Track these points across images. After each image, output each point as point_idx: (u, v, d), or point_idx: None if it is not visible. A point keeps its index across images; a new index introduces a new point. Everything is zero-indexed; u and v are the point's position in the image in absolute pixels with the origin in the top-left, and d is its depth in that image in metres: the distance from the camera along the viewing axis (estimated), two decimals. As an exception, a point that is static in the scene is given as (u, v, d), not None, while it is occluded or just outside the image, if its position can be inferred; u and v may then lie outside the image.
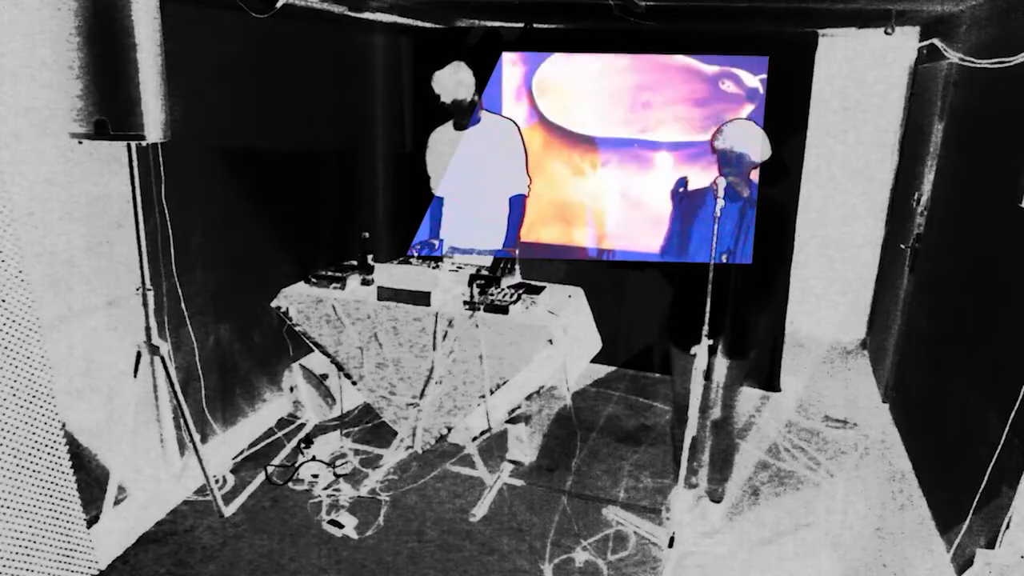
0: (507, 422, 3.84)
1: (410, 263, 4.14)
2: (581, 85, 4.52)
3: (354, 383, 3.79)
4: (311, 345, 3.84)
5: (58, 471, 2.72)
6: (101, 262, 3.15)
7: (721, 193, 2.85)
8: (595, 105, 4.53)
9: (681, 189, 3.56)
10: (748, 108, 4.26)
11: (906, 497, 3.63)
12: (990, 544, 2.69)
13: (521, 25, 4.98)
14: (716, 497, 3.49)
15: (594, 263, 4.83)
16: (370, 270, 3.81)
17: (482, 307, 3.44)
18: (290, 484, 3.64)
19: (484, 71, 4.50)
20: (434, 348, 3.56)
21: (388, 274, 3.78)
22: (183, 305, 3.49)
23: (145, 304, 3.12)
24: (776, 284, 4.67)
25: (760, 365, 4.83)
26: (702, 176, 3.95)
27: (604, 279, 4.89)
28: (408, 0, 4.12)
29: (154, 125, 2.73)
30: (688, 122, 4.39)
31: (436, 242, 4.36)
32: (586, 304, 3.86)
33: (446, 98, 4.26)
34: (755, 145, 3.30)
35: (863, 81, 5.25)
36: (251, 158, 3.95)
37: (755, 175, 4.11)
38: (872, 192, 5.47)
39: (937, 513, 3.41)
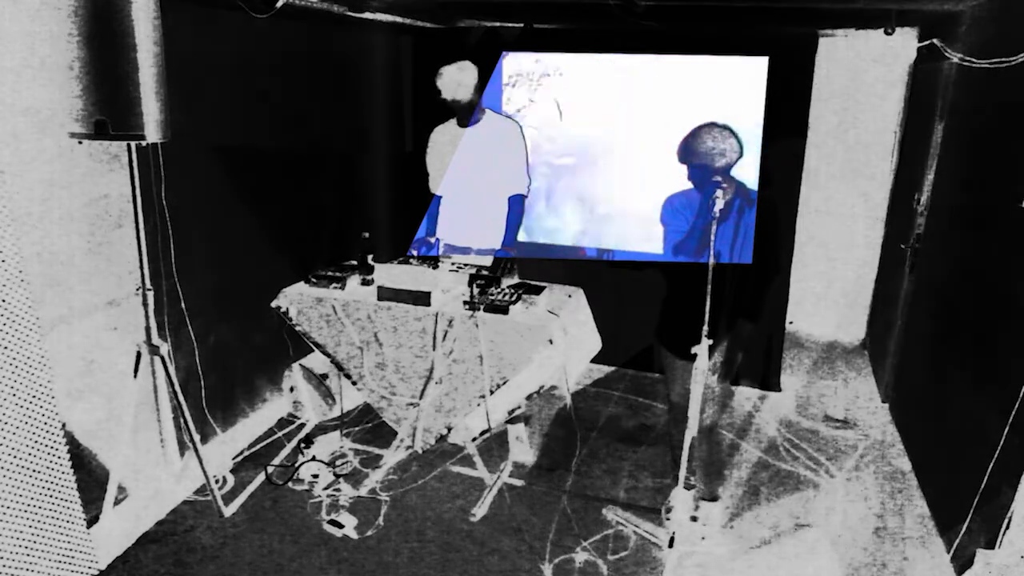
0: (507, 422, 3.84)
1: (410, 263, 4.14)
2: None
3: (354, 383, 3.79)
4: (311, 345, 3.83)
5: (58, 471, 2.72)
6: (101, 262, 3.15)
7: (721, 204, 2.84)
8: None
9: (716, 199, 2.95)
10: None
11: (906, 497, 3.63)
12: (990, 544, 2.69)
13: (521, 25, 4.99)
14: (712, 495, 3.49)
15: (594, 263, 4.83)
16: (370, 270, 3.80)
17: (482, 307, 3.44)
18: (290, 484, 3.64)
19: (484, 71, 4.51)
20: (434, 348, 3.56)
21: (388, 274, 3.79)
22: (183, 305, 3.48)
23: (145, 304, 3.12)
24: (775, 284, 4.66)
25: (759, 365, 4.83)
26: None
27: (604, 279, 4.89)
28: None
29: (154, 125, 2.73)
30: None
31: (433, 240, 4.36)
32: (586, 304, 3.86)
33: (446, 95, 4.25)
34: (730, 145, 3.27)
35: (863, 81, 5.24)
36: (251, 158, 3.95)
37: (744, 173, 4.07)
38: (872, 192, 5.47)
39: (937, 513, 3.41)
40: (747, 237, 4.11)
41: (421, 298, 3.52)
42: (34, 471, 2.62)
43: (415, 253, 4.34)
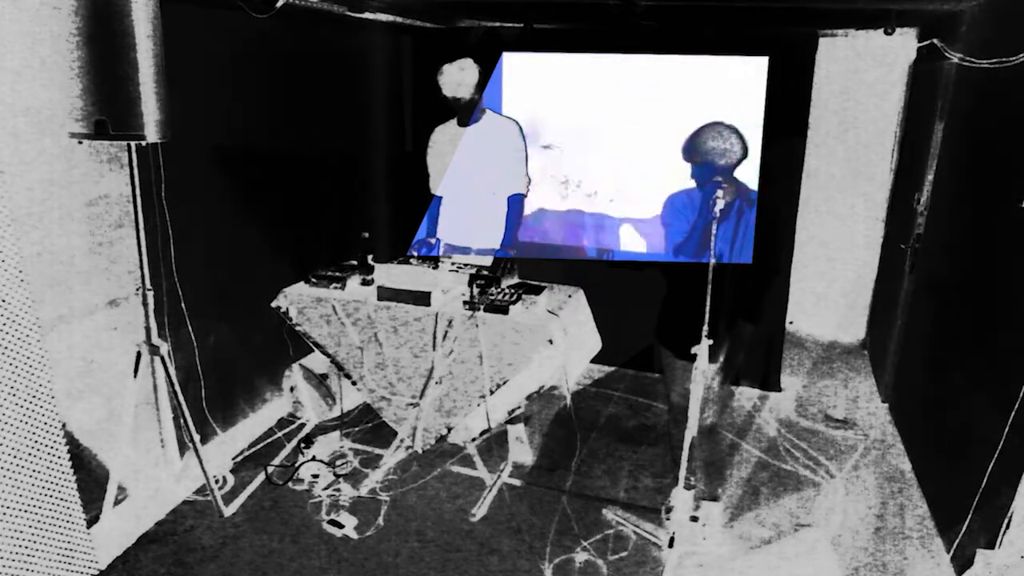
0: (507, 422, 3.84)
1: (410, 263, 4.14)
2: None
3: (354, 383, 3.79)
4: (311, 345, 3.83)
5: (58, 471, 2.72)
6: (101, 262, 3.15)
7: (721, 204, 2.84)
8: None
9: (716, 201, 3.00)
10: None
11: (906, 497, 3.63)
12: (990, 544, 2.69)
13: (521, 25, 4.99)
14: (712, 495, 3.49)
15: (594, 263, 4.83)
16: (370, 270, 3.81)
17: (482, 307, 3.44)
18: (290, 484, 3.64)
19: (484, 71, 4.51)
20: (434, 348, 3.56)
21: (388, 274, 3.79)
22: (183, 305, 3.48)
23: (145, 304, 3.12)
24: (775, 284, 4.67)
25: (759, 365, 4.83)
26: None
27: (604, 279, 4.89)
28: None
29: (154, 125, 2.73)
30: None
31: (433, 241, 4.36)
32: (586, 304, 3.86)
33: (447, 92, 4.26)
34: (732, 144, 3.27)
35: (863, 81, 5.24)
36: (251, 158, 3.95)
37: (744, 173, 4.07)
38: (872, 192, 5.47)
39: (937, 513, 3.41)
40: (747, 237, 4.11)
41: (421, 298, 3.52)
42: (34, 471, 2.62)
43: (415, 253, 4.34)
